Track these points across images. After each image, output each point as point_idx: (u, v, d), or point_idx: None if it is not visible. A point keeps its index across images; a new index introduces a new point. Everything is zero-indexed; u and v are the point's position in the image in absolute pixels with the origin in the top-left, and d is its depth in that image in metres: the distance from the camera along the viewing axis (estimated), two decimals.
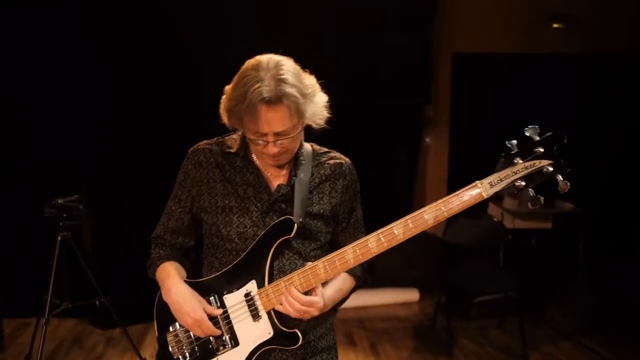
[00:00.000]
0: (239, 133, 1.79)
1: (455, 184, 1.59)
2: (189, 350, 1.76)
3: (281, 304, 1.67)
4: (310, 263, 1.69)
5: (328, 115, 1.73)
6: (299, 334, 1.70)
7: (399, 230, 1.60)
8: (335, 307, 1.88)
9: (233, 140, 1.81)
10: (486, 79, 5.77)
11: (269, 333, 1.71)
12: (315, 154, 1.84)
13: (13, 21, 4.49)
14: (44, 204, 3.28)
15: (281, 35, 4.60)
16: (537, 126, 1.48)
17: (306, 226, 1.75)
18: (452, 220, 4.56)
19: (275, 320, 1.70)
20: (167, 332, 1.79)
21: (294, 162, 1.78)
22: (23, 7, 4.47)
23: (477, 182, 1.51)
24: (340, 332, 4.65)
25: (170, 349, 1.79)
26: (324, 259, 1.67)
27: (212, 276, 1.78)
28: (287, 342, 1.71)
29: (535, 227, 5.42)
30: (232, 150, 1.79)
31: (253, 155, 1.79)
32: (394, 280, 5.32)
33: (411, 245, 5.17)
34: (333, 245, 1.86)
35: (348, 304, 4.95)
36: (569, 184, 1.43)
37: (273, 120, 1.59)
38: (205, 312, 1.72)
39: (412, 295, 5.26)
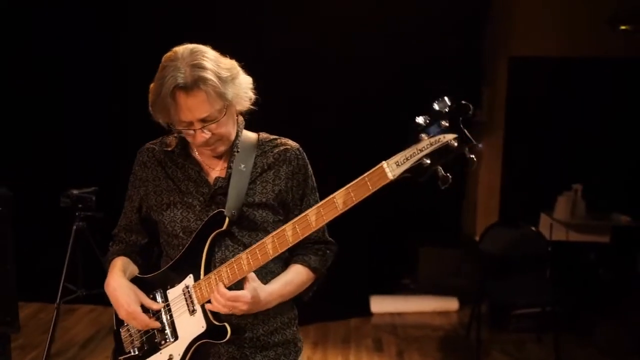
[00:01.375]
0: None
1: (509, 191, 1.51)
2: (139, 345, 1.80)
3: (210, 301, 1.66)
4: (239, 255, 1.67)
5: (253, 96, 1.72)
6: (227, 327, 1.67)
7: (312, 218, 1.57)
8: (294, 301, 1.84)
9: (172, 138, 1.82)
10: (543, 83, 5.50)
11: (202, 327, 1.70)
12: (260, 143, 1.82)
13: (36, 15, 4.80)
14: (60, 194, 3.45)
15: (326, 39, 4.68)
16: (446, 98, 1.38)
17: (249, 217, 1.73)
18: (489, 229, 4.38)
19: (209, 314, 1.69)
20: (121, 326, 1.84)
21: (230, 153, 1.77)
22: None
23: (384, 162, 1.43)
24: (369, 337, 4.58)
25: (123, 343, 1.83)
26: (248, 250, 1.65)
27: (159, 271, 1.81)
28: (218, 336, 1.69)
29: (591, 240, 5.08)
30: (171, 148, 1.81)
31: (193, 150, 1.80)
32: (436, 288, 5.18)
33: (455, 253, 5.02)
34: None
35: (383, 308, 4.90)
36: (474, 159, 1.33)
37: (193, 106, 1.60)
38: (145, 305, 1.75)
39: (451, 304, 5.08)
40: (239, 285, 1.66)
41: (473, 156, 1.35)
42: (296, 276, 1.78)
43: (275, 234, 1.62)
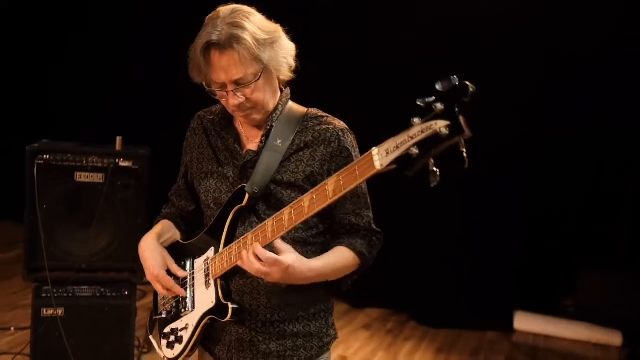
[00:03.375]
0: None
1: None
2: (169, 308, 1.85)
3: (242, 259, 1.58)
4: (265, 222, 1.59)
5: (293, 64, 1.64)
6: (229, 308, 1.63)
7: (305, 204, 1.46)
8: (320, 292, 1.74)
9: (219, 106, 1.81)
10: None
11: (212, 302, 1.69)
12: (305, 118, 1.73)
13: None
14: None
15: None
16: (454, 77, 1.13)
17: (276, 195, 1.67)
18: None
19: (219, 290, 1.67)
20: None
21: (265, 126, 1.71)
22: None
23: (374, 148, 1.24)
24: (503, 354, 4.19)
25: (158, 304, 1.90)
26: (274, 216, 1.56)
27: (193, 239, 1.83)
28: (222, 314, 1.66)
29: None
30: (214, 116, 1.80)
31: (236, 120, 1.78)
32: (598, 317, 4.50)
33: (626, 280, 4.32)
34: (332, 219, 1.73)
35: (528, 326, 4.46)
36: (465, 155, 1.08)
37: (226, 66, 1.56)
38: (171, 271, 1.78)
39: (612, 337, 4.38)
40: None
41: (465, 151, 1.10)
42: (340, 258, 1.67)
43: (294, 203, 1.51)
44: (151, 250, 1.78)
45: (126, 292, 3.20)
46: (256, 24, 1.59)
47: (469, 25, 4.13)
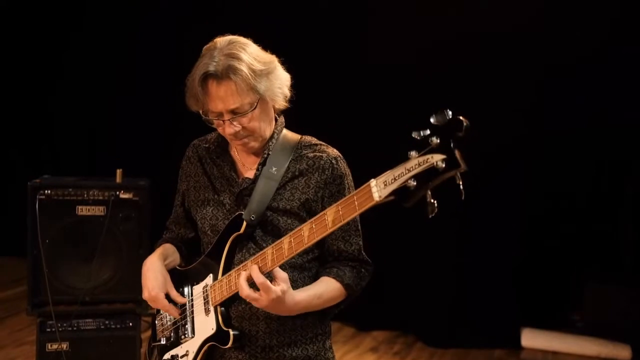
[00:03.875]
0: None
1: None
2: (167, 335, 1.85)
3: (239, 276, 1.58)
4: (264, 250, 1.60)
5: (288, 93, 1.68)
6: (231, 334, 1.64)
7: (305, 233, 1.47)
8: (321, 316, 1.76)
9: (213, 134, 1.84)
10: None
11: (212, 329, 1.69)
12: (299, 146, 1.76)
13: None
14: None
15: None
16: (448, 110, 1.16)
17: (272, 222, 1.69)
18: None
19: (219, 316, 1.68)
20: (159, 314, 1.92)
21: (262, 154, 1.73)
22: None
23: (373, 180, 1.26)
24: None
25: (157, 329, 1.91)
26: (273, 244, 1.57)
27: (191, 266, 1.84)
28: (223, 341, 1.67)
29: None
30: (209, 144, 1.83)
31: (231, 148, 1.80)
32: (606, 331, 4.47)
33: (636, 293, 4.27)
34: (321, 246, 1.74)
35: (536, 343, 4.40)
36: (462, 188, 1.09)
37: (222, 96, 1.59)
38: (170, 296, 1.79)
39: (621, 351, 4.32)
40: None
41: (461, 184, 1.11)
42: (327, 290, 1.68)
43: (294, 232, 1.52)
44: (154, 271, 1.79)
45: (130, 324, 3.20)
46: (252, 55, 1.62)
47: (468, 26, 4.15)
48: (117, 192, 3.11)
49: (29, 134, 5.85)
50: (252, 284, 1.55)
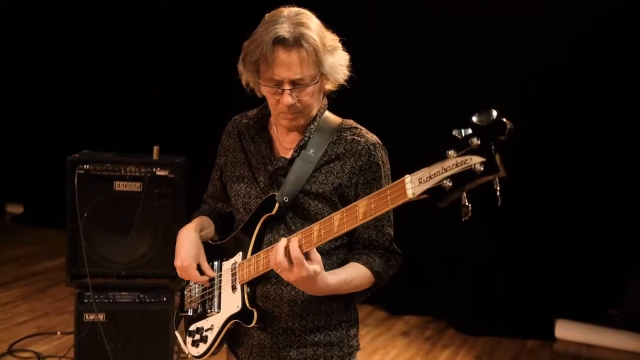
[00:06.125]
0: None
1: None
2: (194, 306, 1.86)
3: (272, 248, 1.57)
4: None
5: (348, 73, 1.64)
6: (255, 314, 1.65)
7: (335, 222, 1.45)
8: (346, 303, 1.75)
9: (254, 111, 1.83)
10: None
11: (237, 307, 1.70)
12: (339, 128, 1.72)
13: None
14: None
15: None
16: (493, 111, 1.10)
17: (303, 204, 1.67)
18: None
19: (245, 295, 1.68)
20: (187, 285, 1.93)
21: (302, 135, 1.71)
22: None
23: (408, 176, 1.21)
24: None
25: (185, 300, 1.92)
26: (302, 230, 1.55)
27: (221, 242, 1.85)
28: (247, 319, 1.67)
29: None
30: (251, 120, 1.81)
31: (271, 125, 1.79)
32: None
33: None
34: (351, 234, 1.71)
35: (570, 335, 4.33)
36: (498, 194, 1.04)
37: (290, 63, 1.55)
38: (202, 268, 1.79)
39: None
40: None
41: (498, 190, 1.06)
42: (357, 276, 1.65)
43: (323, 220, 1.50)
44: (188, 240, 1.80)
45: (164, 298, 3.26)
46: (321, 29, 1.60)
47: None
48: (154, 169, 3.13)
49: (71, 110, 5.97)
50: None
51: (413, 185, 1.21)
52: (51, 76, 6.06)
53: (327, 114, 1.75)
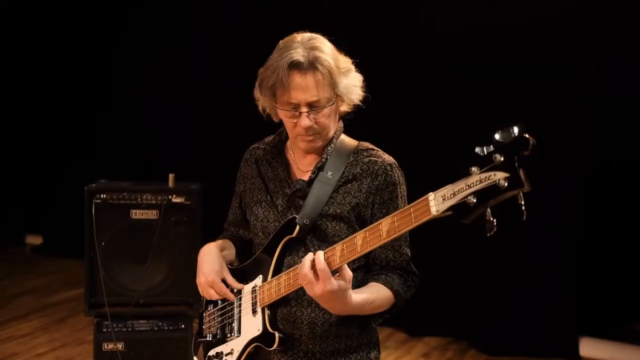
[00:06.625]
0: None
1: None
2: (214, 331, 1.85)
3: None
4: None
5: (362, 93, 1.68)
6: (276, 336, 1.64)
7: (358, 242, 1.44)
8: (363, 325, 1.73)
9: (271, 137, 1.86)
10: None
11: (258, 330, 1.69)
12: (355, 150, 1.74)
13: None
14: None
15: None
16: (515, 128, 1.10)
17: (321, 226, 1.67)
18: None
19: (266, 319, 1.68)
20: (205, 310, 1.92)
21: (319, 157, 1.72)
22: None
23: (431, 193, 1.22)
24: None
25: (203, 326, 1.91)
26: (326, 250, 1.53)
27: (240, 266, 1.85)
28: (269, 343, 1.66)
29: None
30: (267, 145, 1.84)
31: (287, 149, 1.81)
32: None
33: None
34: (367, 255, 1.68)
35: (596, 354, 4.23)
36: (524, 208, 1.04)
37: (307, 87, 1.59)
38: (227, 281, 1.79)
39: None
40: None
41: (523, 204, 1.06)
42: (378, 296, 1.64)
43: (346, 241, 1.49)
44: (211, 255, 1.81)
45: (183, 326, 3.26)
46: (334, 52, 1.65)
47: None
48: (170, 197, 3.16)
49: (86, 139, 6.02)
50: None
51: (437, 202, 1.22)
52: (61, 104, 6.11)
53: (343, 136, 1.77)
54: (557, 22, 3.95)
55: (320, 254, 1.49)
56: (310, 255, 1.50)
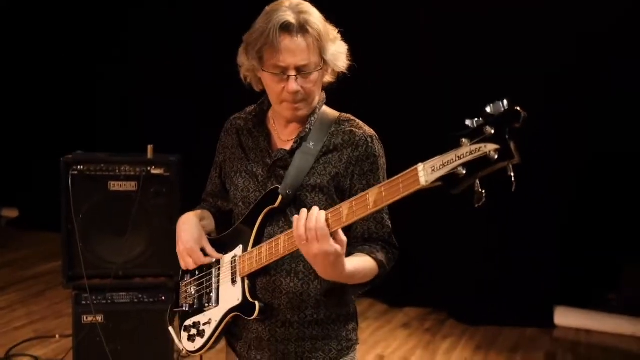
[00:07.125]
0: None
1: None
2: (191, 301, 1.84)
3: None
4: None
5: (348, 62, 1.66)
6: (257, 306, 1.63)
7: (344, 212, 1.41)
8: (342, 296, 1.73)
9: (252, 107, 1.83)
10: None
11: (238, 299, 1.68)
12: (337, 121, 1.72)
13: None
14: None
15: None
16: (504, 101, 1.10)
17: (301, 197, 1.65)
18: None
19: (246, 288, 1.67)
20: (182, 280, 1.90)
21: (302, 127, 1.70)
22: None
23: (420, 164, 1.21)
24: (542, 350, 4.10)
25: (180, 297, 1.89)
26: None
27: (219, 236, 1.83)
28: (248, 312, 1.66)
29: None
30: (249, 115, 1.81)
31: (269, 119, 1.78)
32: None
33: None
34: (348, 228, 1.64)
35: (569, 322, 4.35)
36: (513, 179, 1.04)
37: (296, 50, 1.56)
38: (205, 250, 1.77)
39: None
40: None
41: (513, 176, 1.06)
42: (365, 267, 1.62)
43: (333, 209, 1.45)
44: (190, 224, 1.79)
45: (163, 297, 3.22)
46: (322, 20, 1.62)
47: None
48: (148, 168, 3.10)
49: (66, 112, 5.91)
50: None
51: (426, 173, 1.21)
52: (46, 79, 6.01)
53: (325, 107, 1.75)
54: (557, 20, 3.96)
55: (322, 213, 1.45)
56: (316, 209, 1.45)
